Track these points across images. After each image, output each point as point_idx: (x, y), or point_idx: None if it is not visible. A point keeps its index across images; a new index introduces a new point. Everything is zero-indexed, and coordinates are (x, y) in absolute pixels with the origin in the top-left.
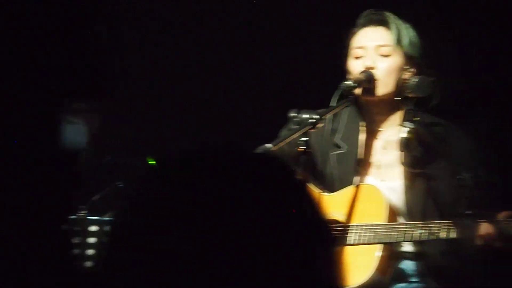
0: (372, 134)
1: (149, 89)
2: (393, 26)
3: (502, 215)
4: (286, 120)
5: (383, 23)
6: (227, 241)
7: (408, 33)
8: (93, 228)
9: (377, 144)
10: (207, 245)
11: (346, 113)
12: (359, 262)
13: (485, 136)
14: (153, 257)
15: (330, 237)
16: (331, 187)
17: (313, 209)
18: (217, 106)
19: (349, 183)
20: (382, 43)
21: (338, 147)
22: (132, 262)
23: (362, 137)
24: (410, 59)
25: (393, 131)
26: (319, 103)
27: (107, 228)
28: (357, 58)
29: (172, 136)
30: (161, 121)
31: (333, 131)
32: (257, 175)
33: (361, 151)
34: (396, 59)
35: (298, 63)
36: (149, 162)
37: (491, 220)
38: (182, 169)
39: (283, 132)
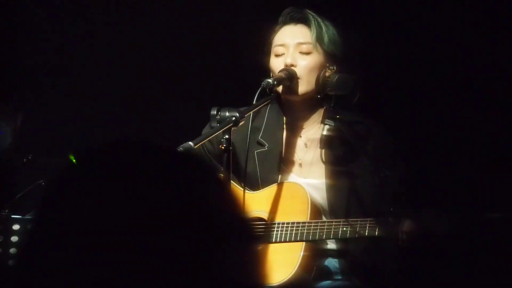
0: (294, 132)
1: (72, 88)
2: (313, 23)
3: (424, 212)
4: (208, 118)
5: (304, 20)
6: (147, 238)
7: (329, 31)
8: (16, 226)
9: (299, 142)
10: (127, 242)
11: (268, 111)
12: (283, 259)
13: (406, 133)
14: (73, 254)
15: (253, 235)
16: (254, 185)
17: (236, 207)
18: (139, 103)
19: (272, 181)
20: (302, 40)
21: (260, 145)
22: (51, 260)
23: (284, 135)
24: (331, 57)
25: (315, 129)
26: (241, 101)
27: (29, 226)
28: (278, 55)
29: (94, 134)
30: (84, 119)
31: (256, 129)
32: (177, 173)
33: (283, 149)
34: (316, 57)
35: (219, 61)
36: (72, 160)
37: (413, 217)
38: (100, 165)
39: (205, 130)
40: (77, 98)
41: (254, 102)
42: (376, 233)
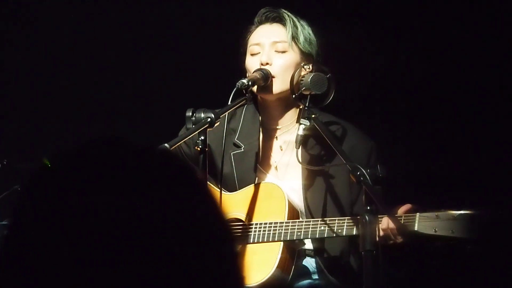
0: (270, 132)
1: (46, 92)
2: (289, 22)
3: (401, 211)
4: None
5: (279, 20)
6: (124, 239)
7: (305, 30)
8: None
9: (275, 144)
10: (104, 244)
11: (244, 112)
12: (261, 259)
13: (383, 133)
14: (50, 259)
15: (230, 236)
16: (231, 187)
17: (213, 207)
18: (114, 107)
19: (249, 182)
20: (277, 39)
21: (236, 146)
22: (28, 265)
23: (260, 137)
24: (306, 56)
25: (291, 131)
26: (217, 102)
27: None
28: (253, 55)
29: (69, 137)
30: (59, 123)
31: (232, 131)
32: (154, 174)
33: (259, 151)
34: (292, 56)
35: (195, 62)
36: (46, 163)
37: (390, 216)
38: (74, 167)
39: (182, 132)
40: (52, 102)
41: (229, 103)
42: (354, 232)
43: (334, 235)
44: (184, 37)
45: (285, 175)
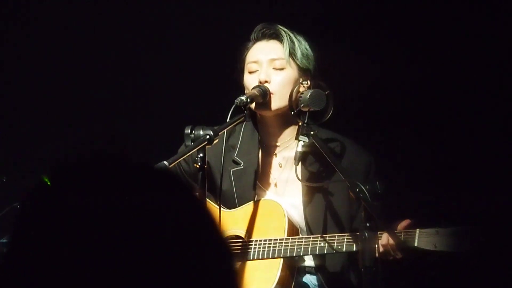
0: (269, 149)
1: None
2: (286, 39)
3: (400, 226)
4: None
5: (276, 36)
6: (123, 257)
7: (302, 46)
8: None
9: (274, 161)
10: (103, 261)
11: (243, 129)
12: (260, 276)
13: (381, 149)
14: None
15: (230, 253)
16: (231, 204)
17: (211, 225)
18: (114, 123)
19: (249, 199)
20: (275, 56)
21: (236, 163)
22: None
23: (259, 153)
24: (304, 72)
25: (290, 147)
26: (216, 120)
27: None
28: (251, 72)
29: (68, 153)
30: (58, 139)
31: (231, 148)
32: (153, 191)
33: (259, 168)
34: (290, 72)
35: (195, 80)
36: (45, 180)
37: (390, 231)
38: (73, 184)
39: (180, 149)
40: (50, 118)
41: (228, 120)
42: (353, 248)
43: (334, 251)
44: (183, 54)
45: (285, 191)
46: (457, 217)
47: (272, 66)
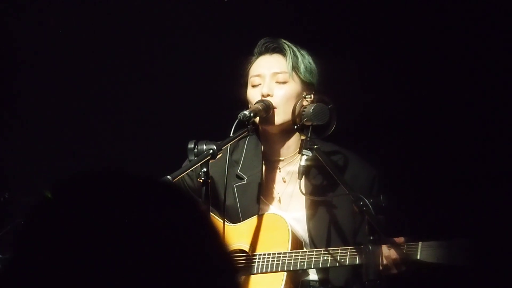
0: (273, 164)
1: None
2: (289, 53)
3: (402, 240)
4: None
5: (279, 50)
6: (128, 272)
7: (305, 60)
8: None
9: (278, 176)
10: (107, 276)
11: (247, 144)
12: None
13: (384, 162)
14: None
15: (234, 267)
16: (235, 218)
17: (215, 239)
18: (118, 138)
19: (253, 214)
20: (278, 70)
21: (239, 178)
22: None
23: (263, 168)
24: (307, 85)
25: (294, 161)
26: (219, 135)
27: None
28: (254, 86)
29: (71, 168)
30: (60, 154)
31: (234, 163)
32: (157, 205)
33: (262, 182)
34: (293, 86)
35: (198, 95)
36: (48, 196)
37: (393, 245)
38: (76, 200)
39: (184, 164)
40: (53, 133)
41: (231, 135)
42: (357, 261)
43: (337, 264)
44: (187, 69)
45: (289, 206)
46: (458, 229)
47: (275, 79)
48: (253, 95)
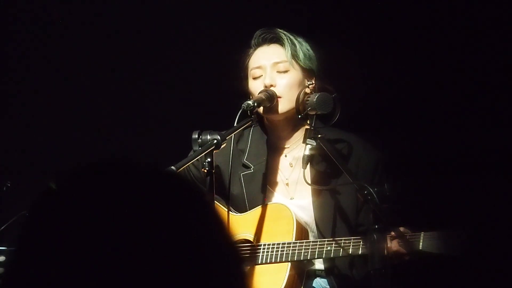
0: (278, 152)
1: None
2: (286, 41)
3: (404, 229)
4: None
5: (277, 40)
6: (133, 263)
7: (303, 47)
8: (1, 258)
9: (285, 161)
10: (112, 267)
11: (252, 133)
12: (269, 281)
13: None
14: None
15: (238, 257)
16: (241, 207)
17: (220, 229)
18: (122, 128)
19: (259, 202)
20: (278, 60)
21: (246, 167)
22: None
23: (269, 156)
24: (308, 72)
25: (299, 149)
26: (223, 124)
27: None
28: (255, 78)
29: (74, 157)
30: (64, 142)
31: (240, 152)
32: (162, 195)
33: (268, 170)
34: (294, 74)
35: (203, 86)
36: (51, 186)
37: (398, 233)
38: (81, 190)
39: (190, 154)
40: (56, 120)
41: (235, 125)
42: (361, 251)
43: (342, 254)
44: (191, 59)
45: (295, 192)
46: (461, 220)
47: (275, 69)
48: (255, 87)
